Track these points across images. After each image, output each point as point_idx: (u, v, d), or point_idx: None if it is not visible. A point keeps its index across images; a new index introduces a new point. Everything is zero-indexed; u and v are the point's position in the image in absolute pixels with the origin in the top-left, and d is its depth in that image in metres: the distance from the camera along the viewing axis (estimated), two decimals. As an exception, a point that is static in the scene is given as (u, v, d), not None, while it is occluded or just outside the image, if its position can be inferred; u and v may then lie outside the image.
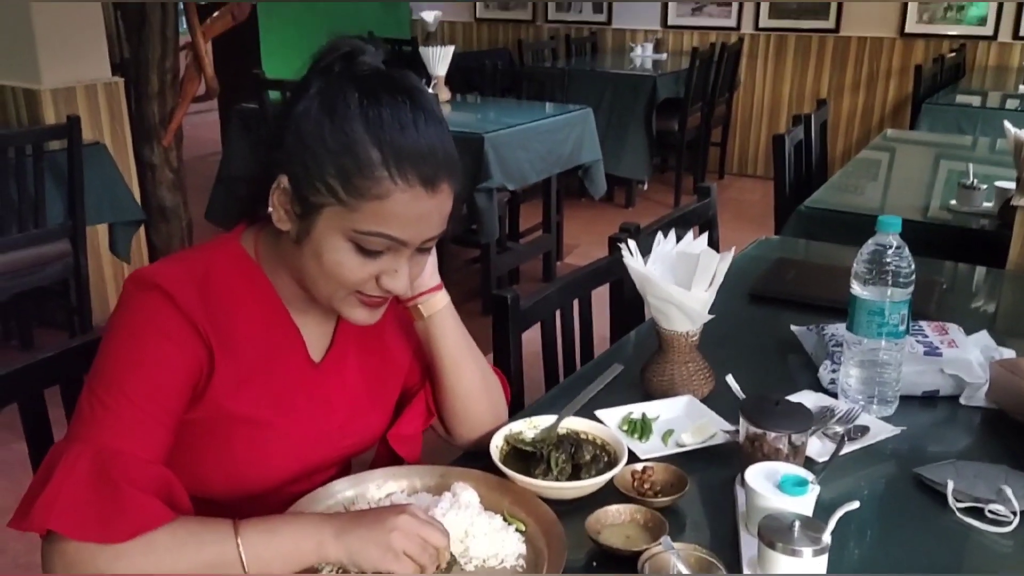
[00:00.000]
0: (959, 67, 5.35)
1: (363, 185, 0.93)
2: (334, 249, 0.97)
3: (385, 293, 1.01)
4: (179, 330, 0.97)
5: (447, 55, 4.12)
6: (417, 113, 0.95)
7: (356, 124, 0.93)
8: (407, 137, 0.94)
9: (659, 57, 6.01)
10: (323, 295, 1.01)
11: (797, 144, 2.99)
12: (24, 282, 2.99)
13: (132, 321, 0.97)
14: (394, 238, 0.96)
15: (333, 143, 0.94)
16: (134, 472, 0.90)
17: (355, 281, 0.98)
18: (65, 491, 0.87)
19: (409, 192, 0.94)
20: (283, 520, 0.94)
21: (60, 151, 2.97)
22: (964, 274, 2.01)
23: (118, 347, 0.96)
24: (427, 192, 0.95)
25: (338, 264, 0.97)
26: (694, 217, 2.12)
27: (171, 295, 0.96)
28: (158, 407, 0.95)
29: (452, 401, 1.18)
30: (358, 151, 0.93)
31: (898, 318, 1.26)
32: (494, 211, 3.50)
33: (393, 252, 0.98)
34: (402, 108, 0.95)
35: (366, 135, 0.93)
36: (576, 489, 1.09)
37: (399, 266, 0.99)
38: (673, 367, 1.35)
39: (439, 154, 0.96)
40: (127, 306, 0.98)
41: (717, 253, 1.31)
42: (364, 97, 0.94)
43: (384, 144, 0.93)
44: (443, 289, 1.16)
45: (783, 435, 1.09)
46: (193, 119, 5.18)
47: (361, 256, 0.97)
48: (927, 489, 1.13)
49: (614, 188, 5.34)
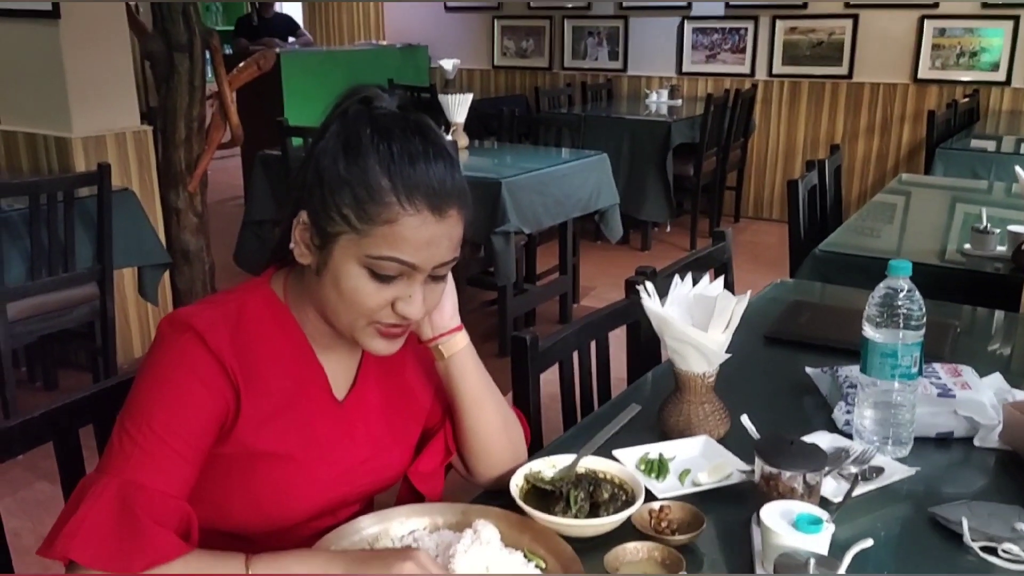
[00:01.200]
0: (973, 112, 5.39)
1: (374, 212, 0.99)
2: (350, 276, 1.01)
3: (402, 320, 1.05)
4: (209, 371, 1.01)
5: (466, 102, 4.21)
6: (427, 148, 1.02)
7: (368, 157, 1.00)
8: (416, 168, 1.00)
9: (674, 103, 6.09)
10: (344, 325, 1.05)
11: (811, 189, 3.03)
12: (52, 324, 3.05)
13: (164, 361, 1.02)
14: (405, 262, 1.00)
15: (347, 175, 1.00)
16: (157, 507, 0.94)
17: (371, 307, 1.02)
18: (88, 522, 0.91)
19: (417, 217, 0.99)
20: (293, 556, 0.97)
21: (90, 197, 3.05)
22: (978, 318, 2.02)
23: (150, 385, 1.01)
24: (435, 217, 1.00)
25: (354, 290, 1.02)
26: (710, 261, 2.16)
27: (203, 337, 1.01)
28: (184, 445, 0.98)
29: (472, 440, 1.21)
30: (369, 181, 0.99)
31: (910, 360, 1.29)
32: (511, 254, 3.55)
33: (406, 277, 1.02)
34: (412, 143, 1.01)
35: (377, 166, 0.99)
36: (595, 527, 1.11)
37: (413, 291, 1.03)
38: (690, 407, 1.37)
39: (447, 184, 1.01)
40: (161, 346, 1.03)
41: (734, 296, 1.34)
42: (376, 134, 1.01)
43: (394, 174, 0.99)
44: (463, 330, 1.20)
45: (798, 474, 1.11)
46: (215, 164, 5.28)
47: (375, 282, 1.01)
48: (942, 529, 1.14)
49: (630, 231, 5.38)
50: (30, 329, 2.98)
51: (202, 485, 1.02)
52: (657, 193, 5.32)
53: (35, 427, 1.19)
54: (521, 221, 3.58)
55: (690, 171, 5.41)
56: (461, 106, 4.20)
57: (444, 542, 1.08)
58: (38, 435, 1.21)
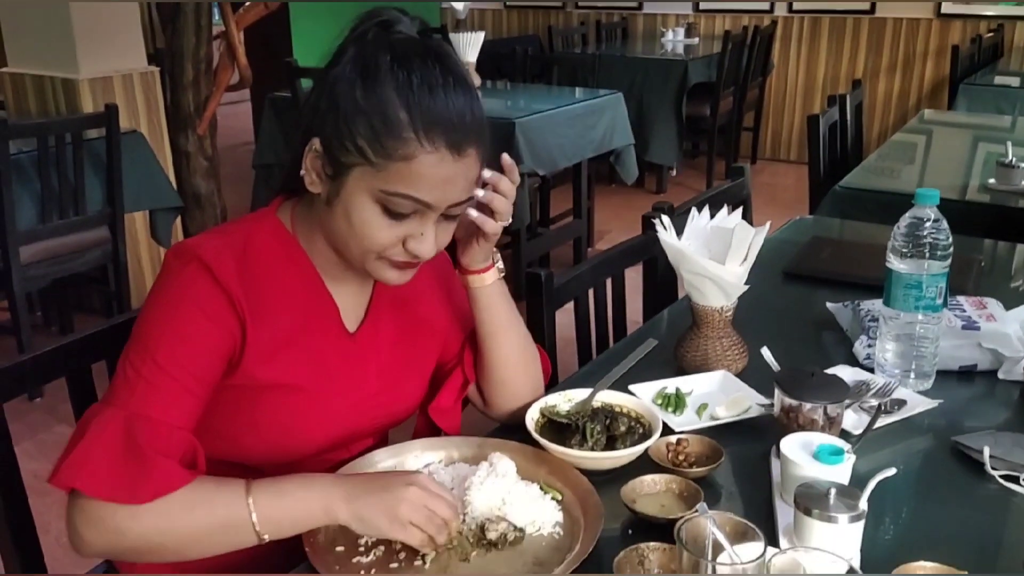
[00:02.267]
0: (997, 47, 5.26)
1: (391, 146, 0.94)
2: (362, 209, 0.98)
3: (412, 258, 1.02)
4: (215, 302, 0.99)
5: (477, 41, 4.12)
6: (447, 78, 0.96)
7: (387, 86, 0.95)
8: (435, 100, 0.95)
9: (691, 42, 5.96)
10: (353, 256, 1.03)
11: (832, 125, 2.96)
12: (64, 268, 3.05)
13: (170, 292, 1.00)
14: (419, 200, 0.97)
15: (364, 104, 0.95)
16: (162, 438, 0.93)
17: (382, 243, 1.00)
18: (94, 453, 0.91)
19: (435, 155, 0.95)
20: (294, 482, 0.95)
21: (98, 139, 3.02)
22: (1003, 252, 1.98)
23: (155, 317, 0.99)
24: (453, 156, 0.96)
25: (366, 224, 0.98)
26: (727, 198, 2.11)
27: (209, 267, 0.99)
28: (190, 377, 0.97)
29: (493, 370, 1.20)
30: (387, 112, 0.94)
31: (935, 291, 1.25)
32: (525, 197, 3.51)
33: (419, 215, 0.99)
34: (432, 72, 0.96)
35: (395, 97, 0.94)
36: (612, 459, 1.10)
37: (425, 230, 1.00)
38: (707, 343, 1.35)
39: (467, 119, 0.97)
40: (167, 277, 1.01)
41: (752, 227, 1.31)
42: (395, 61, 0.96)
43: (412, 106, 0.94)
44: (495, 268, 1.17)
45: (819, 406, 1.09)
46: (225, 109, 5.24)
47: (388, 218, 0.98)
48: (964, 459, 1.13)
49: (645, 174, 5.30)
50: (43, 273, 2.98)
51: (211, 417, 1.01)
52: (667, 135, 5.23)
53: (47, 362, 1.18)
54: (535, 162, 3.53)
55: (706, 111, 5.32)
56: (473, 45, 4.12)
57: (460, 475, 1.08)
58: (50, 370, 1.20)
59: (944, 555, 0.90)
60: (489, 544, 0.96)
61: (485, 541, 0.96)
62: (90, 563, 1.35)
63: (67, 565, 2.18)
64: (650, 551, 0.92)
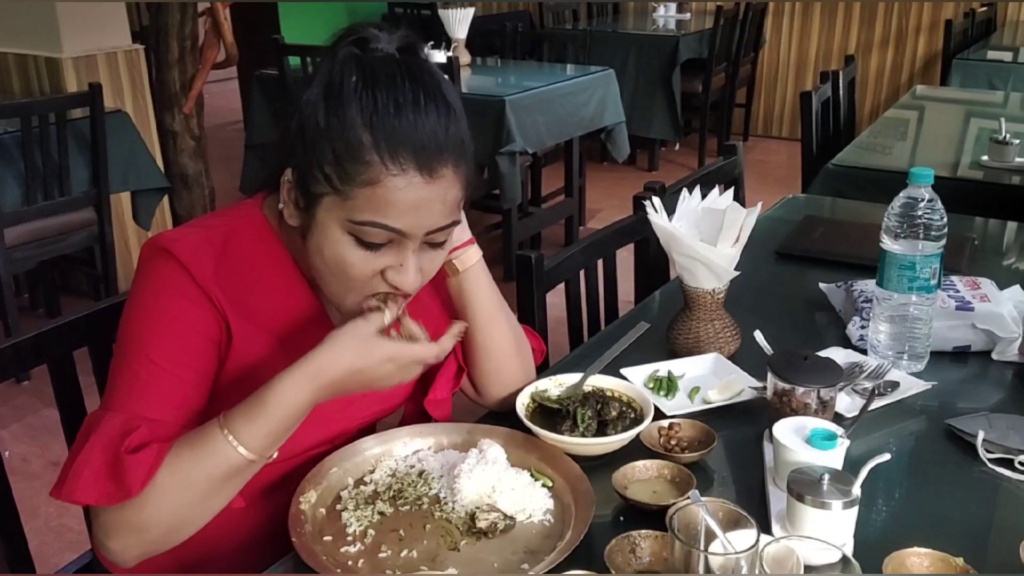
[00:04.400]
0: (990, 22, 5.23)
1: (353, 171, 0.89)
2: (335, 243, 0.93)
3: (394, 291, 0.96)
4: (195, 292, 0.96)
5: (467, 18, 4.08)
6: (418, 95, 0.90)
7: (350, 108, 0.89)
8: (402, 120, 0.89)
9: (682, 17, 5.91)
10: (335, 297, 0.98)
11: (825, 101, 2.94)
12: (50, 250, 3.02)
13: (151, 286, 0.97)
14: (390, 228, 0.91)
15: (327, 128, 0.90)
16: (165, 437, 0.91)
17: (360, 277, 0.94)
18: (90, 464, 0.89)
19: (402, 177, 0.89)
20: (262, 399, 0.91)
21: (83, 119, 2.98)
22: (996, 230, 1.97)
23: (139, 315, 0.96)
24: (423, 178, 0.90)
25: (340, 259, 0.93)
26: (719, 176, 2.09)
27: (185, 266, 0.95)
28: (185, 369, 0.95)
29: (484, 360, 1.17)
30: (349, 135, 0.89)
31: (929, 272, 1.24)
32: (516, 175, 3.48)
33: (396, 245, 0.93)
34: (400, 90, 0.90)
35: (358, 117, 0.89)
36: (603, 445, 1.09)
37: (404, 260, 0.94)
38: (699, 325, 1.34)
39: (439, 137, 0.90)
40: (144, 272, 0.98)
41: (744, 208, 1.29)
42: (361, 80, 0.90)
43: (376, 127, 0.88)
44: (475, 244, 1.14)
45: (812, 390, 1.08)
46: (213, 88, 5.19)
47: (362, 250, 0.93)
48: (958, 442, 1.12)
49: (637, 151, 5.28)
50: (28, 255, 2.95)
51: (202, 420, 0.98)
52: (664, 111, 5.20)
53: (27, 349, 1.16)
54: (526, 141, 3.50)
55: (698, 88, 5.29)
56: (462, 22, 4.08)
57: (449, 462, 1.06)
58: (32, 357, 1.17)
59: (937, 540, 0.90)
60: (479, 533, 0.95)
61: (475, 530, 0.95)
62: (76, 552, 1.34)
63: (57, 549, 2.19)
64: (642, 539, 0.91)
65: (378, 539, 0.95)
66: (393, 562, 0.92)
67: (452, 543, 0.94)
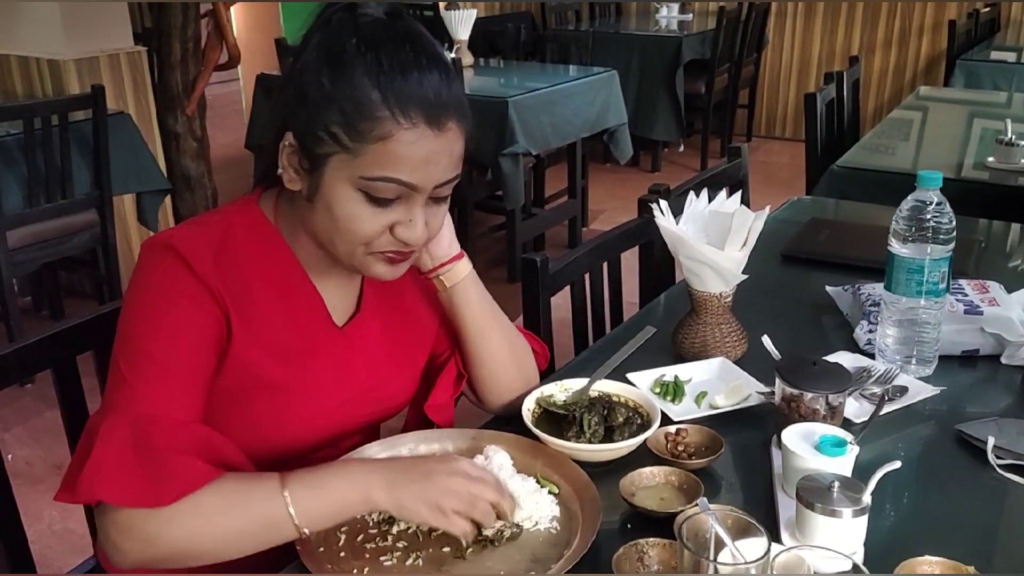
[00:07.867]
0: (994, 22, 5.22)
1: (365, 127, 0.91)
2: (345, 200, 0.94)
3: (402, 246, 0.98)
4: (196, 289, 0.96)
5: (469, 19, 4.07)
6: (419, 56, 0.93)
7: (355, 69, 0.91)
8: (408, 78, 0.91)
9: (685, 18, 5.90)
10: (342, 254, 0.99)
11: (829, 102, 2.93)
12: (53, 252, 3.01)
13: (150, 286, 0.96)
14: (403, 182, 0.93)
15: (333, 91, 0.92)
16: (172, 435, 0.90)
17: (369, 233, 0.96)
18: (107, 461, 0.88)
19: (414, 131, 0.91)
20: (331, 472, 0.93)
21: (85, 121, 2.97)
22: (1002, 232, 1.96)
23: (139, 314, 0.96)
24: (433, 131, 0.92)
25: (350, 216, 0.95)
26: (724, 178, 2.09)
27: (186, 260, 0.95)
28: (186, 368, 0.94)
29: (480, 370, 1.17)
30: (358, 95, 0.91)
31: (938, 276, 1.23)
32: (519, 176, 3.47)
33: (405, 200, 0.95)
34: (402, 52, 0.92)
35: (365, 79, 0.91)
36: (610, 451, 1.08)
37: (413, 215, 0.96)
38: (706, 329, 1.33)
39: (443, 94, 0.93)
40: (144, 271, 0.97)
41: (751, 212, 1.29)
42: (362, 43, 0.92)
43: (384, 86, 0.90)
44: (465, 257, 1.14)
45: (820, 396, 1.07)
46: (215, 89, 5.18)
47: (372, 206, 0.94)
48: (967, 447, 1.11)
49: (639, 152, 5.27)
50: (31, 257, 2.95)
51: (205, 417, 0.98)
52: (667, 112, 5.19)
53: (31, 354, 1.15)
54: (529, 142, 3.49)
55: (701, 89, 5.27)
56: (465, 23, 4.07)
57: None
58: (36, 362, 1.17)
59: (947, 548, 0.89)
60: (486, 541, 0.94)
61: (481, 538, 0.94)
62: (80, 557, 1.33)
63: (60, 553, 2.18)
64: (650, 547, 0.90)
65: (384, 546, 0.94)
66: (399, 570, 0.91)
67: (458, 551, 0.94)
